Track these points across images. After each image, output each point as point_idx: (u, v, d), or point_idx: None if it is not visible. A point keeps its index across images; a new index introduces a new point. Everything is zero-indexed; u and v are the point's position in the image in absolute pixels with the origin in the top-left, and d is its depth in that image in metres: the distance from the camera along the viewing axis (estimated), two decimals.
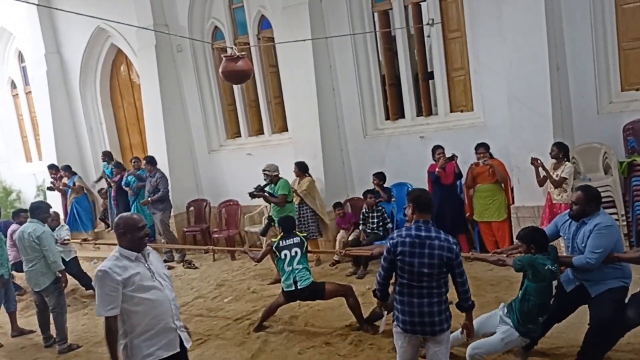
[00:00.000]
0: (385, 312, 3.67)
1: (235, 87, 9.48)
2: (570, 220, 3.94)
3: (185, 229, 9.32)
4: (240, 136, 9.80)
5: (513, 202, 6.81)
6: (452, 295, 3.39)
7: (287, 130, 9.06)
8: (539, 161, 6.00)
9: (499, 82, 6.83)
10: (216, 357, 5.03)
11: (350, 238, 7.37)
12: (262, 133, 9.54)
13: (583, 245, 3.77)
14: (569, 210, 3.98)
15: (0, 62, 12.77)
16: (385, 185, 7.58)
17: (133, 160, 9.51)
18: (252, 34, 9.05)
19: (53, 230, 6.82)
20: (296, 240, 5.31)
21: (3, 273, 6.16)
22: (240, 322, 5.86)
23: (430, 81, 8.14)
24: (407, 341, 3.35)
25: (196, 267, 8.47)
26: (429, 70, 8.16)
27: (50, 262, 5.60)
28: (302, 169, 7.69)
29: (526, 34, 6.46)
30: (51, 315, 5.82)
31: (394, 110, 8.28)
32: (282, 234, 5.42)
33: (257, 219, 9.05)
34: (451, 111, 7.73)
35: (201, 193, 9.86)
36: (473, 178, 6.83)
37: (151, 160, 8.80)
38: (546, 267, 3.67)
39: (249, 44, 8.88)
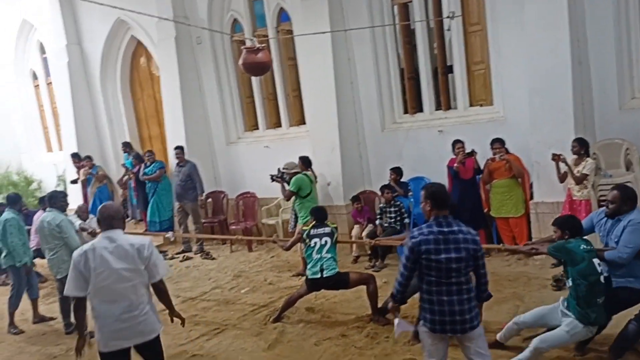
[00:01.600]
0: (398, 318, 3.57)
1: (253, 79, 9.52)
2: (605, 218, 4.01)
3: (203, 220, 9.40)
4: (258, 129, 9.84)
5: (531, 198, 6.76)
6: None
7: (304, 123, 9.07)
8: (561, 157, 5.93)
9: (519, 76, 6.76)
10: (233, 347, 5.09)
11: (364, 233, 7.38)
12: (280, 126, 9.56)
13: (616, 241, 3.84)
14: (605, 208, 4.03)
15: (21, 53, 12.94)
16: (402, 179, 7.56)
17: (147, 154, 9.62)
18: (271, 26, 9.06)
19: (84, 221, 6.97)
20: (327, 230, 5.39)
21: (27, 261, 6.30)
22: (257, 312, 5.91)
23: (450, 75, 8.08)
24: (439, 339, 3.26)
25: (214, 258, 8.55)
26: (449, 64, 8.09)
27: (73, 249, 5.69)
28: (305, 163, 7.73)
29: (548, 27, 6.38)
30: (72, 302, 5.91)
31: (413, 104, 8.24)
32: (313, 222, 5.50)
33: (273, 212, 9.11)
34: (470, 105, 7.68)
35: (219, 185, 9.93)
36: (489, 173, 6.78)
37: (183, 150, 8.90)
38: (581, 247, 3.70)
39: (267, 36, 8.89)
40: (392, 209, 7.11)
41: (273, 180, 7.26)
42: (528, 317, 4.12)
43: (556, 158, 5.98)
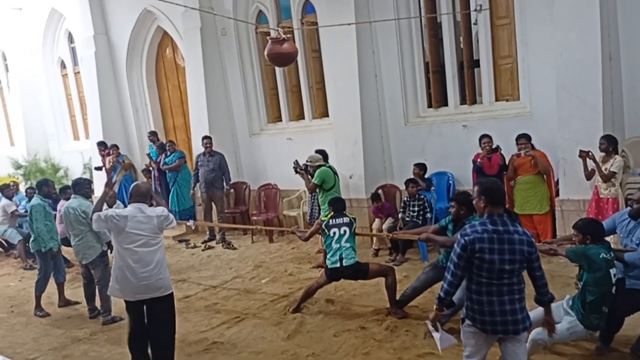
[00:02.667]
0: (441, 331, 3.35)
1: (277, 71, 9.54)
2: (628, 218, 3.92)
3: (225, 211, 9.48)
4: (281, 121, 9.86)
5: (557, 195, 6.65)
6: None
7: (327, 115, 9.05)
8: (589, 154, 5.82)
9: (547, 71, 6.65)
10: (253, 336, 5.13)
11: (384, 226, 7.36)
12: (303, 118, 9.56)
13: (637, 243, 3.74)
14: (629, 208, 3.95)
15: (50, 43, 13.17)
16: (425, 175, 7.53)
17: (168, 144, 9.73)
18: (296, 18, 9.05)
19: (110, 207, 7.09)
20: (346, 220, 5.40)
21: (52, 246, 6.43)
22: (276, 302, 5.95)
23: (476, 69, 7.98)
24: (483, 340, 3.16)
25: (235, 248, 8.63)
26: (475, 57, 7.99)
27: (101, 235, 5.82)
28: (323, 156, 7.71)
29: (578, 21, 6.24)
30: (96, 287, 6.05)
31: (437, 98, 8.16)
32: (332, 213, 5.51)
33: (295, 203, 9.14)
34: (496, 100, 7.57)
35: (241, 176, 9.99)
36: (514, 169, 6.69)
37: (212, 140, 9.02)
38: (601, 256, 3.63)
39: (292, 28, 8.89)
40: (416, 203, 7.07)
41: (297, 172, 7.28)
42: (532, 314, 4.05)
43: (583, 155, 5.88)
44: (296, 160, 7.32)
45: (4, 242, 9.69)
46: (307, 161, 7.23)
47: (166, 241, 9.23)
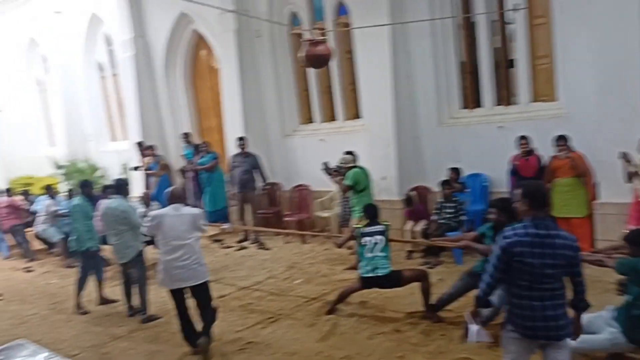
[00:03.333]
0: (477, 326, 3.41)
1: (310, 73, 9.59)
2: None
3: (258, 211, 9.57)
4: (313, 122, 9.91)
5: (595, 198, 6.49)
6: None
7: (360, 117, 9.05)
8: (629, 155, 5.66)
9: (586, 71, 6.49)
10: (287, 336, 5.18)
11: (417, 229, 7.32)
12: (335, 119, 9.58)
13: None
14: None
15: (90, 46, 13.51)
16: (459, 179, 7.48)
17: (202, 145, 9.88)
18: (329, 19, 9.08)
19: (147, 207, 7.27)
20: (379, 228, 5.34)
21: (91, 246, 6.62)
22: (310, 304, 5.99)
23: (511, 69, 7.85)
24: (524, 346, 3.10)
25: (268, 249, 8.70)
26: (511, 57, 7.86)
27: (139, 233, 5.97)
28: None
29: (618, 20, 6.09)
30: (135, 286, 6.19)
31: (472, 99, 8.07)
32: (366, 221, 5.47)
33: (327, 204, 9.16)
34: (533, 101, 7.44)
35: (274, 177, 10.06)
36: (552, 172, 6.57)
37: (246, 141, 9.14)
38: None
39: (325, 29, 8.91)
40: (450, 205, 7.00)
41: (329, 173, 7.30)
42: None
43: (623, 157, 5.72)
44: (325, 162, 7.34)
45: (44, 240, 10.00)
46: (339, 163, 7.24)
47: (201, 241, 9.43)
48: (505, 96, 7.78)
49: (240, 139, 9.15)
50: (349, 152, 7.51)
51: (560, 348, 3.07)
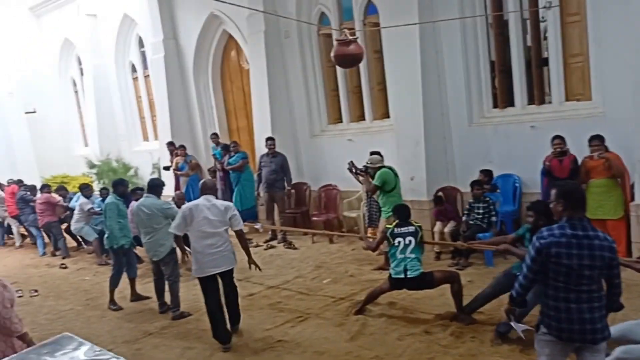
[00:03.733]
0: (514, 322, 3.37)
1: (338, 73, 9.61)
2: None
3: (286, 211, 9.63)
4: (341, 122, 9.91)
5: (632, 200, 6.33)
6: None
7: (388, 116, 9.02)
8: None
9: (622, 70, 6.32)
10: (316, 336, 5.20)
11: (446, 230, 7.25)
12: (364, 119, 9.56)
13: None
14: None
15: (122, 47, 13.81)
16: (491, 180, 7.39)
17: (232, 145, 9.98)
18: (358, 19, 9.07)
19: (179, 207, 7.39)
20: (411, 229, 5.32)
21: (124, 243, 6.77)
22: (338, 303, 5.99)
23: (544, 68, 7.71)
24: (559, 349, 3.06)
25: (296, 248, 8.74)
26: (544, 56, 7.73)
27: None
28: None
29: None
30: (166, 283, 6.31)
31: (503, 98, 7.95)
32: (397, 221, 5.45)
33: (355, 204, 9.16)
34: (566, 100, 7.28)
35: (302, 176, 10.11)
36: (586, 172, 6.41)
37: (275, 141, 9.22)
38: None
39: (354, 29, 8.91)
40: (481, 206, 6.92)
41: (352, 172, 7.30)
42: (613, 330, 3.87)
43: None
44: (351, 161, 7.38)
45: (79, 238, 10.26)
46: (367, 163, 7.23)
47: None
48: (537, 95, 7.64)
49: (269, 139, 9.22)
50: (375, 152, 7.50)
51: (596, 352, 3.01)
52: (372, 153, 7.50)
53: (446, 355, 4.48)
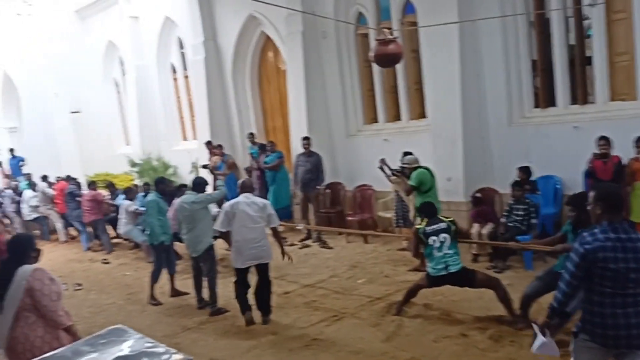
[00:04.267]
0: (548, 337, 3.17)
1: (375, 73, 9.60)
2: None
3: (322, 210, 9.66)
4: (377, 122, 9.89)
5: None
6: None
7: (425, 116, 8.95)
8: None
9: None
10: (351, 335, 5.21)
11: (484, 232, 7.12)
12: (400, 119, 9.52)
13: None
14: None
15: (163, 49, 14.11)
16: (530, 178, 7.22)
17: (268, 144, 10.08)
18: (396, 18, 9.03)
19: (219, 207, 7.54)
20: (442, 225, 5.28)
21: (164, 240, 6.92)
22: (374, 303, 5.99)
23: (588, 67, 7.51)
24: (600, 356, 3.00)
25: (331, 248, 8.76)
26: (587, 54, 7.52)
27: (211, 228, 6.23)
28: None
29: None
30: (205, 279, 6.42)
31: (545, 98, 7.78)
32: (426, 219, 5.42)
33: (390, 205, 9.09)
34: (611, 100, 7.08)
35: (337, 176, 10.12)
36: (632, 174, 6.22)
37: (310, 141, 9.28)
38: None
39: (391, 28, 8.85)
40: (521, 207, 6.76)
41: (392, 174, 7.27)
42: None
43: None
44: (383, 159, 7.49)
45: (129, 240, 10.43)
46: (402, 163, 7.19)
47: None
48: (580, 95, 7.45)
49: (305, 138, 9.28)
50: (407, 153, 7.48)
51: (638, 356, 2.92)
52: (406, 153, 7.48)
53: (484, 359, 4.41)
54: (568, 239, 4.47)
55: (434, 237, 5.22)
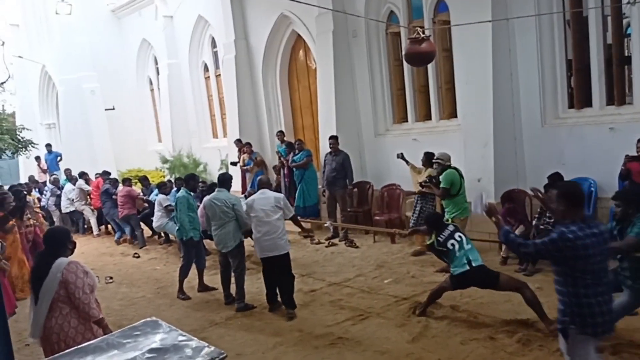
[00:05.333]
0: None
1: (405, 72, 9.54)
2: None
3: (349, 209, 9.64)
4: (406, 121, 9.82)
5: None
6: None
7: (455, 116, 8.84)
8: None
9: None
10: (377, 335, 5.18)
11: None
12: (430, 119, 9.43)
13: None
14: None
15: (196, 48, 14.34)
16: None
17: (297, 142, 10.12)
18: (428, 17, 8.94)
19: None
20: (451, 228, 5.32)
21: (193, 235, 7.01)
22: (400, 304, 5.94)
23: (626, 66, 7.29)
24: (593, 346, 3.17)
25: (357, 247, 8.73)
26: (626, 54, 7.31)
27: (242, 224, 6.30)
28: (429, 159, 7.66)
29: None
30: (232, 275, 6.49)
31: (580, 98, 7.59)
32: (434, 231, 5.40)
33: None
34: None
35: (365, 175, 10.10)
36: None
37: (337, 139, 9.27)
38: None
39: (423, 27, 8.78)
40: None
41: (426, 184, 7.29)
42: None
43: None
44: (401, 153, 7.91)
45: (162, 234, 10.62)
46: (436, 159, 7.16)
47: (292, 236, 9.63)
48: (617, 96, 7.24)
49: (331, 137, 9.28)
50: (428, 153, 7.67)
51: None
52: (425, 153, 7.70)
53: None
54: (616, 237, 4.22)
55: (451, 241, 5.20)
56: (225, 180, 6.59)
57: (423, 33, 5.84)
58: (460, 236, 5.21)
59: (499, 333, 4.87)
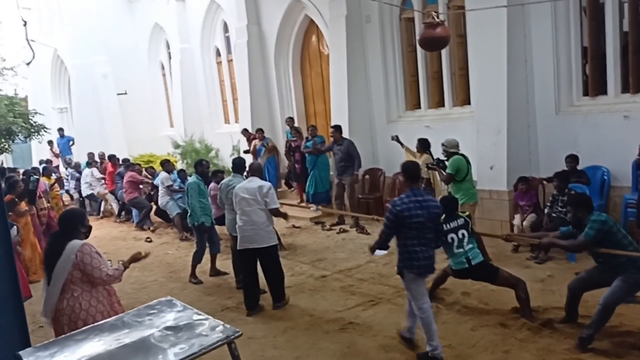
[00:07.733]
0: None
1: (419, 58, 9.46)
2: None
3: (360, 196, 9.65)
4: (419, 108, 9.76)
5: None
6: None
7: (469, 103, 8.78)
8: None
9: None
10: (388, 320, 5.22)
11: (525, 223, 6.96)
12: (443, 106, 9.37)
13: None
14: None
15: (208, 32, 14.31)
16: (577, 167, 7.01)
17: (310, 129, 10.10)
18: (442, 2, 8.85)
19: None
20: (460, 221, 5.17)
21: (205, 221, 7.06)
22: None
23: None
24: (420, 282, 4.37)
25: (368, 233, 8.74)
26: None
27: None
28: (423, 145, 7.72)
29: None
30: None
31: (595, 86, 7.50)
32: (444, 216, 5.22)
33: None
34: None
35: (377, 162, 10.09)
36: None
37: (339, 129, 9.23)
38: None
39: (438, 12, 8.68)
40: (564, 198, 6.57)
41: (432, 167, 7.25)
42: None
43: None
44: (396, 135, 8.14)
45: (162, 214, 10.80)
46: (442, 145, 7.11)
47: (303, 222, 9.73)
48: (633, 83, 7.15)
49: (331, 127, 9.29)
50: (422, 139, 7.83)
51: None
52: (419, 139, 7.88)
53: (522, 350, 4.35)
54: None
55: (452, 235, 5.10)
56: (240, 166, 6.62)
57: (438, 17, 5.78)
58: (463, 234, 5.10)
59: (509, 320, 4.90)
